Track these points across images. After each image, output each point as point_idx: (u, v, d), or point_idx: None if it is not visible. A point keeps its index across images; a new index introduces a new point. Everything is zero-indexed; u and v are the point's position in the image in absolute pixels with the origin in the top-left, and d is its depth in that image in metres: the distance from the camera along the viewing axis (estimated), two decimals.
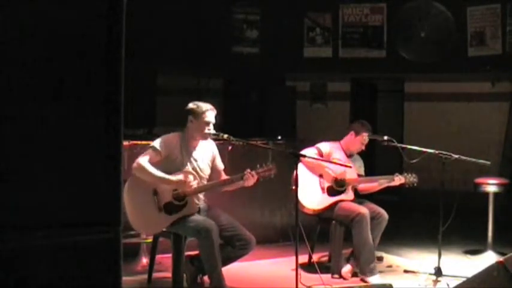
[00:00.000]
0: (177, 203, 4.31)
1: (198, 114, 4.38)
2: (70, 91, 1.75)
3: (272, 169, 4.41)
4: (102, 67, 1.78)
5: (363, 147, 5.24)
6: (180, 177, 4.27)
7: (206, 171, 4.51)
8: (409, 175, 5.06)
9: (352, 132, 5.20)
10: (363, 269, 4.86)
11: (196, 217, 4.35)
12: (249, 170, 4.35)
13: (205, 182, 4.48)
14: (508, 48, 8.47)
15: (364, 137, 5.18)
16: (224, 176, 4.55)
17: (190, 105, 4.45)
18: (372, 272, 4.81)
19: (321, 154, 5.07)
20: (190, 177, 4.33)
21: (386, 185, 5.10)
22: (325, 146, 5.16)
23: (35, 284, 1.70)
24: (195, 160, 4.45)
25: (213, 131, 4.39)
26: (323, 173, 5.10)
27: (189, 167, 4.40)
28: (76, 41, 1.74)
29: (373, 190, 5.24)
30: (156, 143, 4.32)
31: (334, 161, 4.99)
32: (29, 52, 1.68)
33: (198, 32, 8.49)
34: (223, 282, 4.23)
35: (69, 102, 1.75)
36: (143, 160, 4.23)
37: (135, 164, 4.23)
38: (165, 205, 4.29)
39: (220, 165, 4.61)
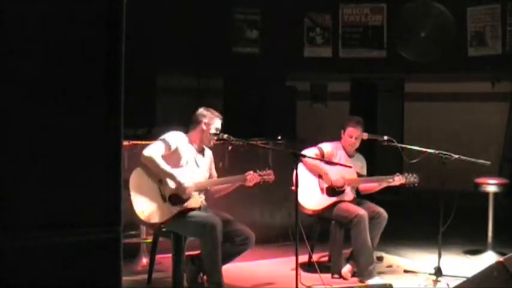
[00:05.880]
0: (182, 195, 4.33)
1: (208, 121, 4.43)
2: (70, 91, 1.75)
3: (271, 174, 4.51)
4: (102, 67, 1.78)
5: (355, 142, 5.12)
6: (187, 183, 4.26)
7: (206, 174, 4.56)
8: (410, 175, 5.05)
9: (342, 131, 5.21)
10: (361, 272, 4.84)
11: (200, 213, 4.36)
12: (251, 172, 4.42)
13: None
14: (508, 48, 8.47)
15: (351, 131, 5.12)
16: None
17: (203, 110, 4.50)
18: (370, 275, 4.80)
19: (322, 154, 5.05)
20: (195, 194, 4.35)
21: (386, 185, 5.10)
22: (326, 147, 5.14)
23: (35, 284, 1.69)
24: (198, 160, 4.50)
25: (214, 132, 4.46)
26: (322, 174, 5.09)
27: (191, 165, 4.42)
28: (76, 41, 1.74)
29: (374, 190, 5.24)
30: (166, 136, 4.35)
31: (335, 161, 4.99)
32: (29, 53, 1.68)
33: (198, 32, 8.49)
34: (222, 280, 4.23)
35: (69, 103, 1.75)
36: (153, 150, 4.24)
37: (144, 153, 4.23)
38: (170, 196, 4.30)
39: (214, 173, 4.68)
